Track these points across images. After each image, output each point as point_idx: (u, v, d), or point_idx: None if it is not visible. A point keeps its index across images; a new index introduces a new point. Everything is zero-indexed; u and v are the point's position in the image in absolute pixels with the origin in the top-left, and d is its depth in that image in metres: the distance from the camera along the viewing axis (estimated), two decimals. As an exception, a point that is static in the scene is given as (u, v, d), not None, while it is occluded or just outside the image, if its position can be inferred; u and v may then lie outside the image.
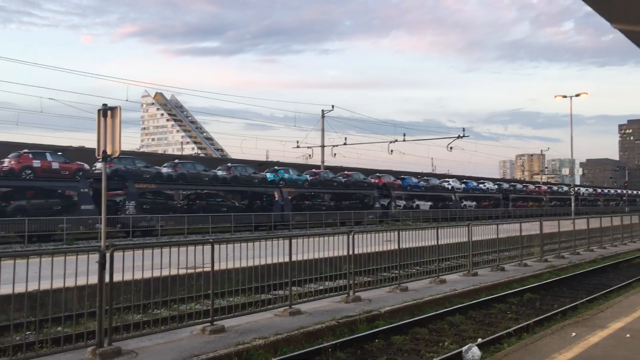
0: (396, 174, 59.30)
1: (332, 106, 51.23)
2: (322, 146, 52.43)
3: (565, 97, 47.41)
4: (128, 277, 8.47)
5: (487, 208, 65.36)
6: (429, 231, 15.04)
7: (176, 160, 38.64)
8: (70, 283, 7.81)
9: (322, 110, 51.80)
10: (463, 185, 65.61)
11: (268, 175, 42.89)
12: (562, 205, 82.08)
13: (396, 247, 13.48)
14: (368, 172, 57.03)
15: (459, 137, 50.28)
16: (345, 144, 53.80)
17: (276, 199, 41.39)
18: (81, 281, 7.94)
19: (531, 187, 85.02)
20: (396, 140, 52.73)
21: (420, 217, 50.89)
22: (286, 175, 43.53)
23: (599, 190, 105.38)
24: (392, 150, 53.53)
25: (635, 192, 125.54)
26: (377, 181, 52.47)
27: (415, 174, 64.60)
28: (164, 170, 35.89)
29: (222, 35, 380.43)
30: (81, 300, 9.80)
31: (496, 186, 72.37)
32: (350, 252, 11.79)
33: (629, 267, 20.06)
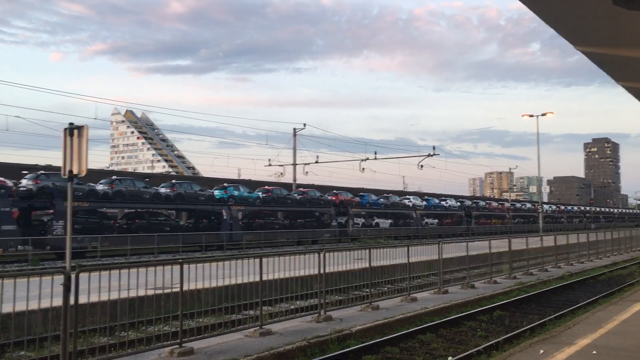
0: (370, 192, 59.38)
1: (304, 124, 51.41)
2: (294, 164, 52.45)
3: (532, 116, 48.46)
4: (94, 298, 8.28)
5: (450, 226, 64.38)
6: (399, 249, 15.11)
7: (114, 177, 36.45)
8: (34, 306, 7.60)
9: (294, 129, 51.94)
10: (424, 203, 64.45)
11: (216, 192, 41.24)
12: (526, 222, 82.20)
13: (367, 265, 13.49)
14: (339, 190, 57.12)
15: (429, 155, 50.82)
16: (317, 162, 53.95)
17: (224, 217, 39.66)
18: (45, 303, 7.76)
19: (494, 204, 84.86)
20: (367, 159, 53.05)
21: (379, 236, 49.06)
22: (236, 193, 41.86)
23: (562, 208, 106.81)
24: (363, 169, 53.74)
25: (600, 209, 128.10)
26: (334, 198, 50.98)
27: (387, 192, 64.53)
28: (99, 187, 33.75)
29: (194, 53, 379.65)
30: (46, 324, 9.56)
31: (458, 203, 71.38)
32: (322, 271, 11.75)
33: (595, 283, 20.41)
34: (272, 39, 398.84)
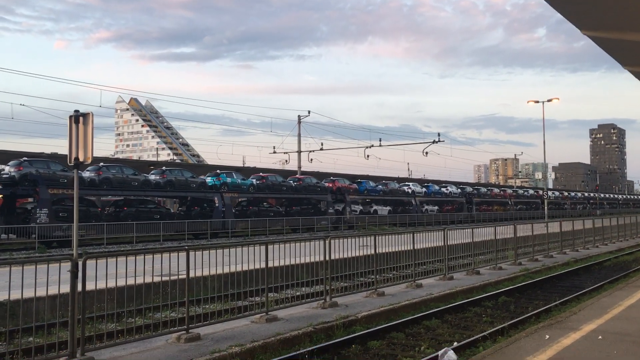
0: (375, 179, 59.14)
1: (309, 111, 51.31)
2: (299, 151, 52.45)
3: (537, 102, 48.18)
4: (101, 285, 8.34)
5: (450, 212, 62.55)
6: (405, 236, 15.12)
7: (101, 164, 35.30)
8: (41, 292, 7.66)
9: (299, 116, 51.90)
10: (424, 189, 62.93)
11: (208, 179, 40.55)
12: (528, 209, 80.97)
13: (372, 252, 13.52)
14: (345, 177, 57.09)
15: (434, 142, 50.73)
16: (321, 149, 53.91)
17: (216, 205, 39.05)
18: (53, 290, 7.82)
19: (496, 190, 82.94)
20: (372, 146, 53.00)
21: (377, 223, 47.82)
22: (229, 180, 41.05)
23: (566, 194, 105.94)
24: (368, 156, 53.75)
25: (604, 195, 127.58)
26: (330, 185, 50.01)
27: (391, 179, 64.17)
28: (86, 174, 32.80)
29: (198, 40, 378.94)
30: (53, 310, 9.63)
31: (459, 190, 69.58)
32: (327, 258, 11.79)
33: (600, 269, 20.40)
34: (276, 26, 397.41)
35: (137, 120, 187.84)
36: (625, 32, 12.13)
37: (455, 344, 9.01)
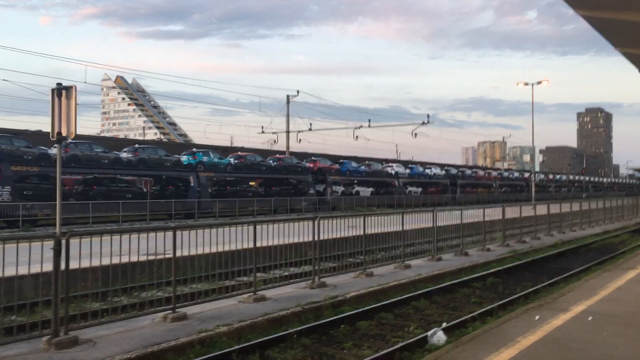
0: (364, 160, 59.00)
1: (297, 91, 50.91)
2: (287, 132, 52.14)
3: (527, 84, 48.22)
4: (86, 264, 8.17)
5: (434, 194, 61.62)
6: (394, 217, 15.04)
7: (69, 140, 34.73)
8: (24, 271, 7.48)
9: (288, 96, 51.46)
10: (408, 171, 62.25)
11: (184, 158, 39.52)
12: (513, 191, 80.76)
13: (361, 232, 13.42)
14: (333, 158, 56.94)
15: (423, 123, 50.65)
16: (310, 129, 53.63)
17: (192, 184, 38.05)
18: (36, 269, 7.64)
19: (481, 172, 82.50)
20: (361, 126, 52.80)
21: (359, 204, 47.24)
22: (205, 159, 39.98)
23: (551, 177, 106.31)
24: (357, 137, 53.52)
25: (589, 178, 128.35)
26: (311, 165, 49.04)
27: (378, 160, 63.92)
28: (53, 151, 30.37)
29: (187, 18, 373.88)
30: (37, 289, 9.44)
31: (444, 172, 68.71)
32: (316, 238, 11.68)
33: (587, 251, 20.51)
34: (266, 4, 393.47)
35: (124, 98, 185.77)
36: (619, 12, 11.99)
37: (444, 324, 8.96)
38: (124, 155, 36.14)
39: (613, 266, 13.48)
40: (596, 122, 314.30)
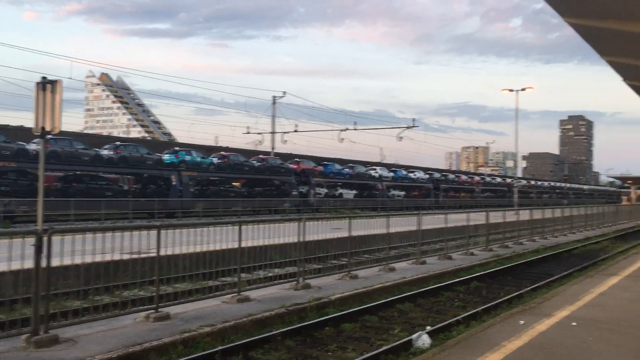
0: (348, 163, 59.00)
1: (284, 92, 50.85)
2: (273, 132, 52.03)
3: (511, 90, 48.59)
4: (68, 262, 8.02)
5: (417, 198, 62.27)
6: (379, 220, 15.05)
7: (49, 136, 33.88)
8: (3, 268, 7.32)
9: (274, 96, 51.34)
10: (392, 174, 62.24)
11: (166, 156, 39.09)
12: (495, 197, 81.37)
13: (346, 234, 13.39)
14: (318, 159, 56.92)
15: (408, 127, 50.85)
16: (296, 131, 53.54)
17: (173, 183, 37.59)
18: (17, 266, 7.48)
19: (464, 177, 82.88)
20: (347, 129, 52.84)
21: (342, 206, 47.06)
22: (188, 158, 39.64)
23: (533, 183, 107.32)
24: (342, 139, 53.56)
25: (570, 185, 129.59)
26: (295, 167, 48.81)
27: (363, 162, 64.00)
28: (31, 146, 30.51)
29: (173, 17, 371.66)
30: (16, 286, 9.27)
31: (427, 175, 69.42)
32: (301, 239, 11.62)
33: (569, 257, 20.67)
34: (253, 5, 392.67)
35: (108, 95, 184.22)
36: (606, 21, 12.11)
37: (428, 327, 8.95)
38: (104, 152, 35.64)
39: (595, 272, 13.58)
40: (578, 130, 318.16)
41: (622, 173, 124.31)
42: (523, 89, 48.13)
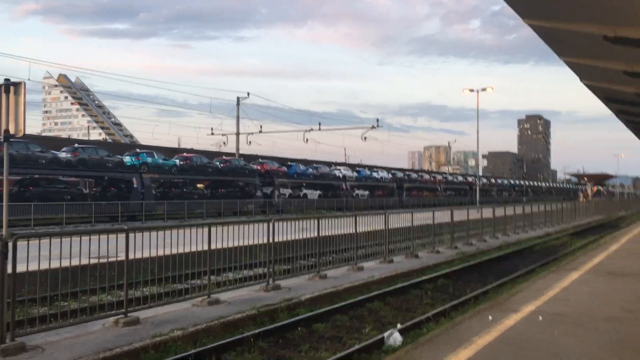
0: (313, 163, 59.06)
1: (248, 93, 50.63)
2: (237, 134, 51.72)
3: (472, 90, 49.47)
4: (33, 267, 7.84)
5: (381, 197, 62.37)
6: (346, 219, 15.13)
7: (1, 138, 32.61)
8: (-34, 275, 7.12)
9: (238, 98, 51.08)
10: (355, 174, 62.68)
11: (126, 159, 38.43)
12: (457, 195, 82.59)
13: (314, 234, 13.43)
14: (282, 160, 56.85)
15: (372, 127, 51.22)
16: (260, 132, 53.36)
17: (135, 185, 37.05)
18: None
19: (426, 176, 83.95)
20: (312, 130, 52.92)
21: (307, 207, 47.13)
22: (149, 159, 39.01)
23: (493, 181, 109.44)
24: (307, 140, 53.62)
25: (529, 182, 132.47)
26: (259, 167, 48.72)
27: (325, 163, 64.17)
28: None
29: (133, 17, 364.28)
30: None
31: (390, 175, 69.98)
32: (271, 240, 11.62)
33: (531, 253, 21.18)
34: (215, 6, 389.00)
35: (67, 97, 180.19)
36: (566, 22, 12.45)
37: (399, 325, 9.05)
38: (62, 155, 34.79)
39: (557, 267, 13.93)
40: (535, 129, 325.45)
41: (579, 170, 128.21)
42: (484, 89, 49.08)
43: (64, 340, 7.58)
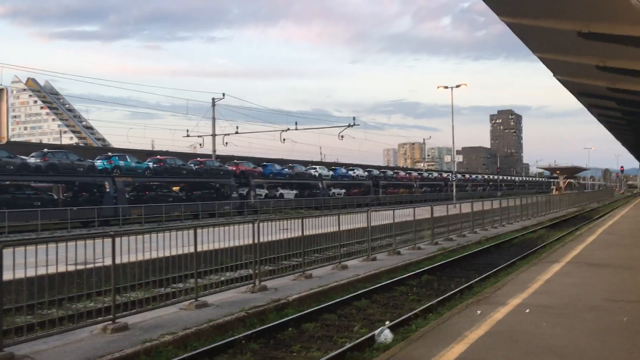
0: (290, 163, 58.94)
1: (223, 94, 50.22)
2: (213, 135, 51.36)
3: (446, 87, 49.85)
4: (19, 275, 7.72)
5: (357, 196, 62.34)
6: (329, 218, 15.16)
7: None
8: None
9: (213, 99, 50.69)
10: (331, 173, 62.76)
11: (98, 162, 38.13)
12: (433, 191, 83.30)
13: (298, 234, 13.43)
14: (258, 160, 56.64)
15: (349, 125, 51.35)
16: (237, 132, 53.08)
17: (107, 190, 36.50)
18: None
19: (402, 173, 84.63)
20: (288, 129, 52.82)
21: (283, 207, 47.00)
22: (122, 163, 38.80)
23: (467, 176, 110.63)
24: (284, 139, 53.49)
25: (503, 177, 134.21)
26: (234, 168, 48.53)
27: (302, 162, 64.18)
28: None
29: (103, 19, 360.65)
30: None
31: (366, 173, 70.21)
32: (256, 241, 11.59)
33: (510, 246, 21.49)
34: (185, 6, 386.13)
35: (36, 101, 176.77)
36: (541, 19, 12.68)
37: (388, 322, 9.12)
38: (31, 160, 34.10)
39: (538, 260, 14.16)
40: (507, 124, 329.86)
41: (550, 164, 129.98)
42: (457, 86, 49.49)
43: (52, 349, 7.47)
